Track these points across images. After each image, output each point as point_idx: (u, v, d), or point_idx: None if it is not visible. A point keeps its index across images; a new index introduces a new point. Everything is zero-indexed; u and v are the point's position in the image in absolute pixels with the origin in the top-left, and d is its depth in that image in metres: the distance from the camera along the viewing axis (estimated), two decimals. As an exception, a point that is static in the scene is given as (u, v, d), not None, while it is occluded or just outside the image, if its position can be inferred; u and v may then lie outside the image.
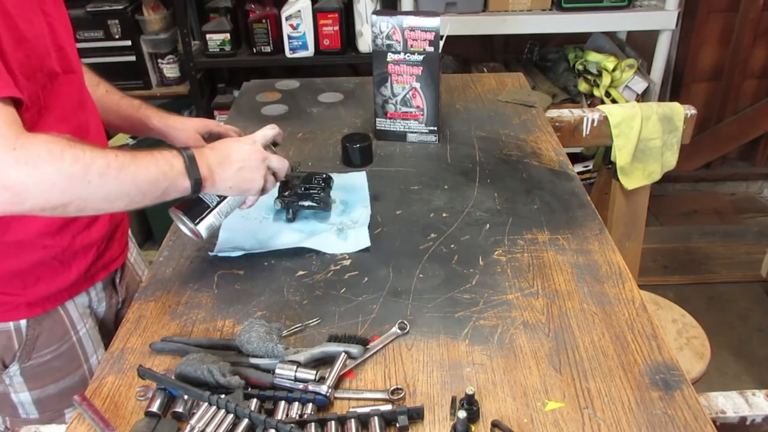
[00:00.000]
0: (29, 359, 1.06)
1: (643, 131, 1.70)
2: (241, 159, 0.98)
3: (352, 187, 1.35)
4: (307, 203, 1.23)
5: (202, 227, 1.01)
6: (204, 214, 1.00)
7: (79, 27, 2.54)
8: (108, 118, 1.24)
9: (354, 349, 0.91)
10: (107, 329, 1.21)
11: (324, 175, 1.28)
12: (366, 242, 1.17)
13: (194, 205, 1.00)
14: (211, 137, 1.30)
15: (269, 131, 1.06)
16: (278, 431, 0.79)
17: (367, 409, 0.82)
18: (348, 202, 1.30)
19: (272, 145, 1.07)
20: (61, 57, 0.97)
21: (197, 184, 0.92)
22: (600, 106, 1.77)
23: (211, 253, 1.15)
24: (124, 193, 0.86)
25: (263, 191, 1.03)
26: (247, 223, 1.24)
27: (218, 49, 2.59)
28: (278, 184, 1.25)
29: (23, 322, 1.04)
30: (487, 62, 2.78)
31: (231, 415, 0.81)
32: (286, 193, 1.24)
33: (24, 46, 0.87)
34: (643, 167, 1.75)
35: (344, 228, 1.21)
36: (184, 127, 1.29)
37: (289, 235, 1.21)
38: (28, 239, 1.00)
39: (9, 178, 0.77)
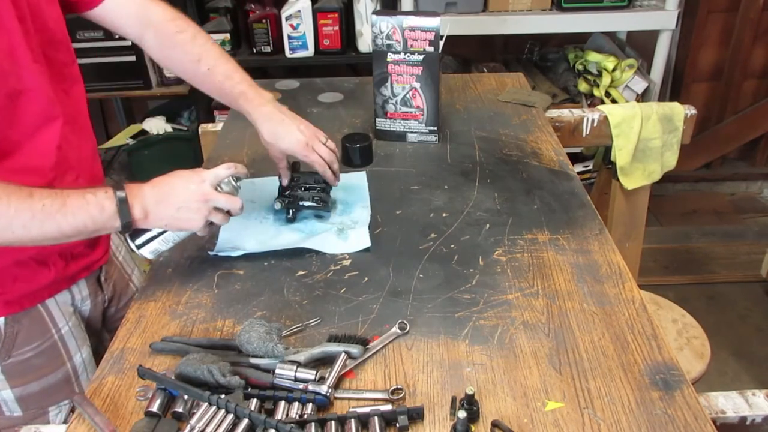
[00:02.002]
0: (9, 357, 1.05)
1: (643, 131, 1.70)
2: (182, 200, 0.97)
3: (352, 187, 1.35)
4: (307, 203, 1.23)
5: (146, 252, 1.03)
6: (148, 240, 1.02)
7: (79, 27, 2.54)
8: (211, 94, 1.25)
9: (354, 349, 0.91)
10: (94, 328, 1.20)
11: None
12: (366, 242, 1.17)
13: (140, 231, 1.01)
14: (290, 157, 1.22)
15: (222, 171, 1.02)
16: (278, 431, 0.79)
17: (367, 409, 0.82)
18: (348, 202, 1.30)
19: (234, 181, 1.04)
20: (19, 78, 0.93)
21: (127, 226, 0.94)
22: (600, 106, 1.77)
23: (211, 253, 1.15)
24: (49, 238, 0.90)
25: (211, 226, 1.03)
26: (247, 223, 1.24)
27: (218, 49, 2.59)
28: (278, 184, 1.26)
29: (1, 320, 1.03)
30: (487, 62, 2.78)
31: (231, 415, 0.81)
32: (286, 193, 1.24)
33: None
34: (643, 167, 1.75)
35: (344, 228, 1.21)
36: (275, 142, 1.18)
37: (289, 235, 1.21)
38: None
39: None
